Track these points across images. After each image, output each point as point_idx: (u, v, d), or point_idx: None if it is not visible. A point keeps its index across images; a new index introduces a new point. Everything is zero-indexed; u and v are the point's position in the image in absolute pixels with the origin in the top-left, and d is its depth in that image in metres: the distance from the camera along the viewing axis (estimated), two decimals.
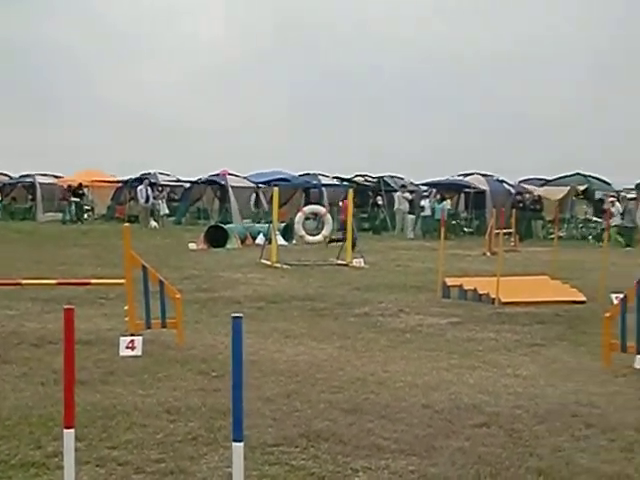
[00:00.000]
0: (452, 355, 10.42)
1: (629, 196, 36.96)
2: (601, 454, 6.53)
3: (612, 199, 35.23)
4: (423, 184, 43.15)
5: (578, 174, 39.91)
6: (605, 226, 29.19)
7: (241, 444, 4.73)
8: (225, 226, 30.67)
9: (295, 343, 11.09)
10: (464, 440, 6.83)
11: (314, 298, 15.58)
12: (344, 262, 22.72)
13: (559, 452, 6.56)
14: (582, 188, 38.90)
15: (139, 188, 40.40)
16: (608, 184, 40.21)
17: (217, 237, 28.41)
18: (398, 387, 8.65)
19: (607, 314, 9.98)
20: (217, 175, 44.45)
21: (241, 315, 4.75)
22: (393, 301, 15.20)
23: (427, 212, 37.73)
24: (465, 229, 38.95)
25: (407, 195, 39.49)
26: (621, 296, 10.22)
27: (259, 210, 42.50)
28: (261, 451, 6.43)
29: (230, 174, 43.93)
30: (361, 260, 22.68)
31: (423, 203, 38.26)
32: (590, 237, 34.56)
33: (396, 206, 39.82)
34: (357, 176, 46.36)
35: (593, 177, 39.89)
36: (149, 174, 45.65)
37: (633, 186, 38.80)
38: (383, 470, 6.12)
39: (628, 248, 31.08)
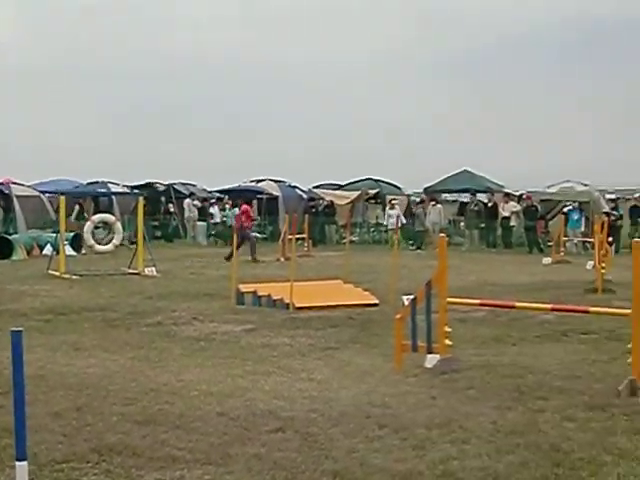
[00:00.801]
0: (247, 362, 10.38)
1: (417, 200, 38.15)
2: (394, 453, 6.63)
3: (395, 202, 36.27)
4: (216, 191, 43.10)
5: (369, 179, 40.96)
6: (394, 229, 30.06)
7: (25, 463, 4.52)
8: (10, 237, 29.62)
9: (85, 355, 10.77)
10: (260, 446, 6.79)
11: (105, 308, 15.24)
12: (135, 271, 22.38)
13: (354, 453, 6.62)
14: (373, 192, 39.90)
15: None
16: (398, 188, 41.42)
17: (1, 248, 27.39)
18: (192, 396, 8.53)
19: (398, 316, 10.19)
20: (0, 184, 42.82)
21: (21, 329, 4.53)
22: (186, 309, 15.05)
23: (217, 219, 37.80)
24: (259, 235, 39.13)
25: (196, 202, 39.51)
26: (411, 297, 10.47)
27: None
28: (50, 468, 6.15)
29: (15, 183, 42.41)
30: (153, 269, 22.41)
31: (212, 210, 38.29)
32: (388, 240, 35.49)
33: (186, 214, 39.64)
34: (148, 184, 45.79)
35: (384, 182, 41.01)
36: None
37: (421, 190, 40.07)
38: None
39: (419, 251, 32.04)
